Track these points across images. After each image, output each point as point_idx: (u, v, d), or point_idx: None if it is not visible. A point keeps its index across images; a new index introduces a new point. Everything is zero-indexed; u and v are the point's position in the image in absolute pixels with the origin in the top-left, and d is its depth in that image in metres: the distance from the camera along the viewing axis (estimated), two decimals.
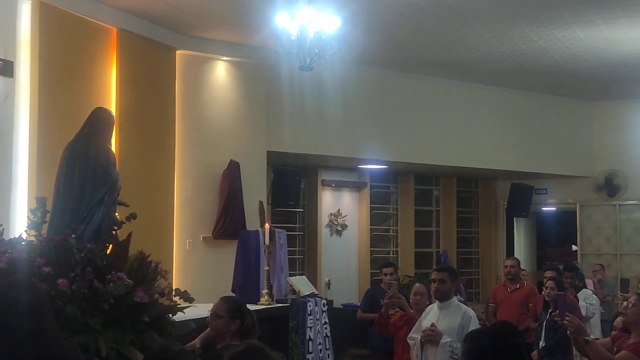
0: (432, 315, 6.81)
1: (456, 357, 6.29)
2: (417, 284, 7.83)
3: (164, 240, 10.83)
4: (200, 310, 6.07)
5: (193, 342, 5.36)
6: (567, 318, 5.44)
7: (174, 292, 5.59)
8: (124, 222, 5.54)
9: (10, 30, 8.52)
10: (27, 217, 5.68)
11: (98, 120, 5.47)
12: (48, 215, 5.54)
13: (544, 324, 8.72)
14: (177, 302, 5.55)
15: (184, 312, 5.71)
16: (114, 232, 5.57)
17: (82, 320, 4.88)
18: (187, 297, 5.70)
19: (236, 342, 5.14)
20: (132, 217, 5.61)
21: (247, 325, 5.26)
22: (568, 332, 5.32)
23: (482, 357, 3.47)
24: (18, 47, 8.64)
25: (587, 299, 10.17)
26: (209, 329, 5.31)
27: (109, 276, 5.05)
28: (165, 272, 5.71)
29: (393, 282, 8.81)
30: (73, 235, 5.17)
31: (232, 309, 5.27)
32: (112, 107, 10.05)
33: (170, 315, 5.52)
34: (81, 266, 5.02)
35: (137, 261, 5.37)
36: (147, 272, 5.31)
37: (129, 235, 5.39)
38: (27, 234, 5.55)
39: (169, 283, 5.54)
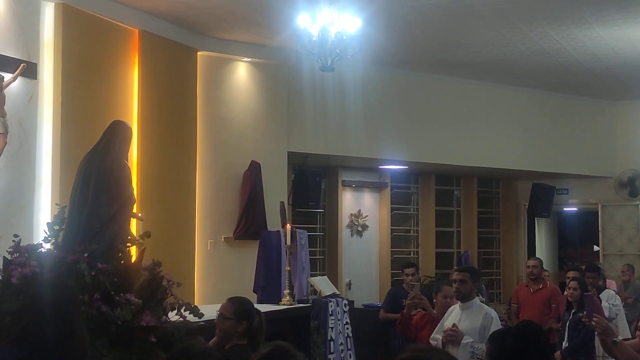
0: (454, 315, 6.81)
1: (478, 357, 6.29)
2: (446, 286, 7.81)
3: (185, 241, 10.88)
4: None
5: None
6: (594, 319, 5.44)
7: (183, 308, 5.52)
8: (139, 241, 5.51)
9: (33, 32, 8.60)
10: (44, 230, 5.67)
11: (115, 135, 5.47)
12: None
13: (567, 324, 8.67)
14: (186, 318, 5.47)
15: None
16: (127, 248, 5.54)
17: (89, 342, 4.90)
18: (197, 313, 5.64)
19: (243, 342, 5.13)
20: (146, 235, 5.58)
21: (254, 326, 5.22)
22: (596, 333, 5.31)
23: (506, 356, 3.48)
24: (41, 49, 8.72)
25: (610, 300, 10.11)
26: (217, 332, 5.27)
27: (118, 298, 5.04)
28: (178, 285, 5.61)
29: (415, 283, 8.82)
30: (86, 254, 5.15)
31: (239, 310, 5.21)
32: (134, 108, 10.14)
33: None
34: (89, 291, 5.00)
35: (147, 280, 5.32)
36: (157, 291, 5.26)
37: (142, 252, 5.37)
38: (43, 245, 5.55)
39: (178, 300, 5.46)
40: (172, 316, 5.58)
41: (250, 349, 4.77)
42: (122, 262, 5.34)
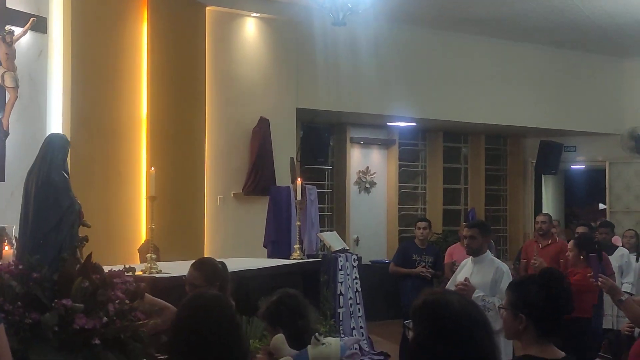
0: (465, 269, 6.85)
1: (488, 311, 6.33)
2: None
3: (195, 196, 10.92)
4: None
5: None
6: (600, 279, 5.50)
7: (138, 307, 5.42)
8: (79, 245, 5.53)
9: None
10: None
11: (50, 148, 5.52)
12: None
13: None
14: (143, 319, 5.40)
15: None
16: (71, 256, 5.55)
17: (22, 351, 4.96)
18: (152, 312, 5.48)
19: None
20: (84, 240, 5.62)
21: (225, 279, 5.08)
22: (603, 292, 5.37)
23: (531, 303, 3.47)
24: (51, 3, 8.69)
25: (624, 258, 10.15)
26: None
27: (53, 304, 5.10)
28: (134, 285, 5.48)
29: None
30: (20, 266, 5.23)
31: (208, 274, 5.06)
32: (143, 62, 10.12)
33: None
34: (15, 301, 5.07)
35: (80, 285, 5.29)
36: (96, 293, 5.27)
37: (88, 257, 5.40)
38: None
39: (129, 304, 5.37)
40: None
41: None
42: (63, 270, 5.36)
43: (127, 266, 5.77)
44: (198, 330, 3.33)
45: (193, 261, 5.30)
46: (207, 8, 11.23)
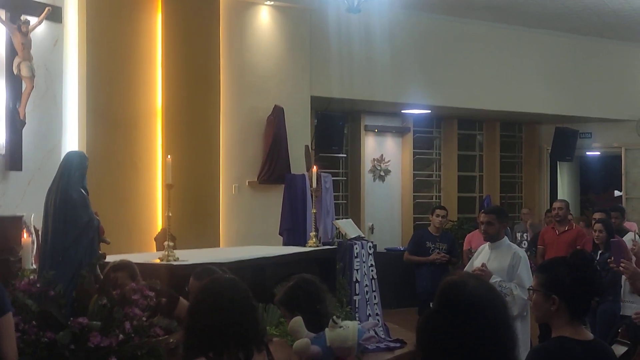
0: (483, 255, 6.84)
1: (505, 296, 6.32)
2: None
3: (210, 185, 10.94)
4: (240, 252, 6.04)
5: None
6: (622, 264, 5.47)
7: (158, 323, 5.40)
8: (94, 263, 5.54)
9: None
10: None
11: (68, 165, 5.54)
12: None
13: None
14: (159, 335, 5.38)
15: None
16: (91, 273, 5.55)
17: None
18: (171, 326, 5.40)
19: None
20: (102, 257, 5.63)
21: None
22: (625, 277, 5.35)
23: (563, 284, 3.47)
24: None
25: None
26: None
27: (69, 322, 5.12)
28: (157, 300, 5.41)
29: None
30: (38, 284, 5.25)
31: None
32: (158, 52, 10.14)
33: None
34: (30, 320, 5.09)
35: (96, 302, 5.29)
36: (112, 311, 5.27)
37: (97, 277, 5.40)
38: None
39: (145, 319, 5.34)
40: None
41: None
42: (82, 287, 5.37)
43: (151, 281, 5.71)
44: (213, 311, 3.36)
45: (210, 249, 5.32)
46: None
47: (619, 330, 6.91)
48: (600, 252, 8.53)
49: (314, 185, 9.14)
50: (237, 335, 3.35)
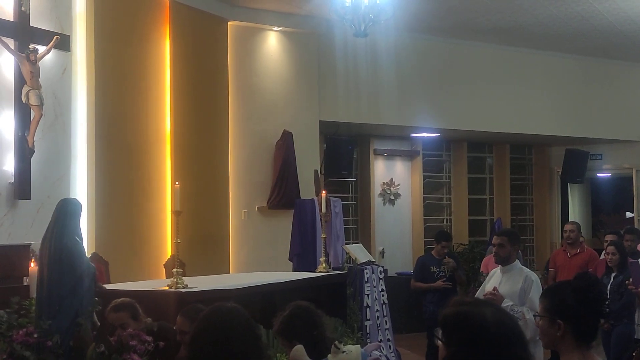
0: (494, 278, 6.78)
1: (518, 320, 6.25)
2: None
3: (219, 211, 10.93)
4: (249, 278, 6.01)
5: None
6: None
7: None
8: (91, 310, 5.52)
9: (66, 4, 8.61)
10: None
11: (61, 213, 5.52)
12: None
13: (609, 288, 8.56)
14: None
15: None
16: (94, 313, 5.54)
17: None
18: None
19: None
20: (98, 304, 5.60)
21: None
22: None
23: (566, 309, 3.40)
24: (74, 22, 8.73)
25: None
26: (182, 348, 5.01)
27: None
28: (154, 345, 5.36)
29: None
30: (35, 335, 5.23)
31: (193, 320, 5.04)
32: (166, 79, 10.16)
33: None
34: None
35: (98, 349, 5.27)
36: (110, 358, 5.25)
37: (94, 324, 5.39)
38: None
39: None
40: None
41: None
42: (79, 335, 5.36)
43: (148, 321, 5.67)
44: (216, 341, 3.30)
45: (219, 275, 5.29)
46: (229, 23, 11.28)
47: (634, 354, 6.84)
48: (614, 274, 8.45)
49: (324, 210, 9.11)
50: None
